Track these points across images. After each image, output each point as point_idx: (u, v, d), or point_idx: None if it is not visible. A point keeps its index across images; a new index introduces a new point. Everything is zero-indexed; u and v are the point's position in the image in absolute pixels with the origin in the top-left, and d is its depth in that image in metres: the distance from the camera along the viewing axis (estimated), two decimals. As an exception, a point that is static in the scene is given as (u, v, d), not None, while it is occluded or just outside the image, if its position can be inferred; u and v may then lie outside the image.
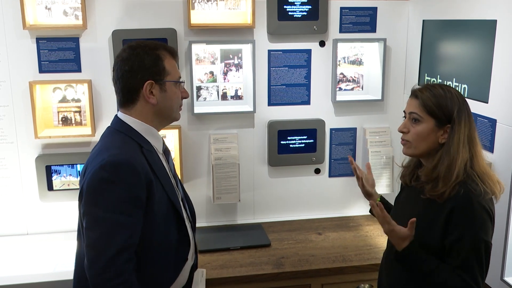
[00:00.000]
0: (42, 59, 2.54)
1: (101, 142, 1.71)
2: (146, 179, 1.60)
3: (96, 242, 1.53)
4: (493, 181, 1.65)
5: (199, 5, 2.64)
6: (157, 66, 1.69)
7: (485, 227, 1.60)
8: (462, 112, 1.66)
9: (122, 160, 1.57)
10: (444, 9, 2.48)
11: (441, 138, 1.68)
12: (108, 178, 1.55)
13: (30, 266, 2.39)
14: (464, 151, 1.64)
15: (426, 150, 1.71)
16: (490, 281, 2.14)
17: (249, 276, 2.35)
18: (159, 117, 1.75)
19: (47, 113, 2.62)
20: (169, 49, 1.75)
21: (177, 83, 1.76)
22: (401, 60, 2.90)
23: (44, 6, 2.51)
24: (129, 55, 1.69)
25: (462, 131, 1.65)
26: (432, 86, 1.72)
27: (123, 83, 1.69)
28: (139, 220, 1.59)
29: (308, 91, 2.84)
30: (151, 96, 1.69)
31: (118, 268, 1.51)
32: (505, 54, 2.02)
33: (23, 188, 2.65)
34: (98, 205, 1.55)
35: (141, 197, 1.59)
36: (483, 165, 1.67)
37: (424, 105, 1.68)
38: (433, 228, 1.66)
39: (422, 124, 1.69)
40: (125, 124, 1.71)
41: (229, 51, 2.73)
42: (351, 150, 2.95)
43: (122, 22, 2.57)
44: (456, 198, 1.61)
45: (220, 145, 2.76)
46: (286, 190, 2.95)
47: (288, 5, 2.70)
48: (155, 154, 1.74)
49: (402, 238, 1.65)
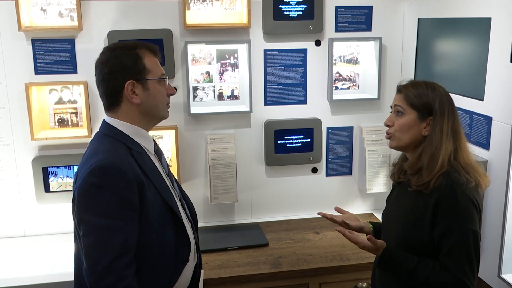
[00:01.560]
0: (37, 61, 2.54)
1: (90, 147, 1.70)
2: (137, 182, 1.59)
3: (93, 249, 1.53)
4: (478, 173, 1.68)
5: (195, 6, 2.64)
6: (136, 65, 1.67)
7: (471, 216, 1.61)
8: (444, 105, 1.70)
9: (110, 164, 1.56)
10: (439, 8, 2.49)
11: (424, 131, 1.72)
12: (97, 183, 1.54)
13: (28, 268, 2.39)
14: (448, 142, 1.68)
15: (409, 142, 1.75)
16: (487, 278, 2.15)
17: (247, 276, 2.35)
18: (145, 116, 1.73)
19: (43, 115, 2.62)
20: (150, 46, 1.73)
21: (161, 81, 1.73)
22: (397, 58, 2.90)
23: (39, 7, 2.51)
24: (108, 57, 1.68)
25: (445, 124, 1.69)
26: (416, 82, 1.78)
27: (105, 86, 1.68)
28: (135, 223, 1.58)
29: (305, 90, 2.84)
30: (134, 96, 1.67)
31: (118, 273, 1.50)
32: (500, 52, 2.03)
33: (20, 190, 2.64)
34: (90, 212, 1.54)
35: (132, 200, 1.57)
36: (468, 157, 1.71)
37: (406, 98, 1.74)
38: (422, 222, 1.68)
39: (405, 116, 1.74)
40: (113, 127, 1.70)
41: (225, 51, 2.73)
42: (348, 149, 2.96)
43: (118, 23, 2.57)
44: (439, 189, 1.64)
45: (217, 145, 2.76)
46: (283, 190, 2.95)
47: (283, 4, 2.70)
48: (145, 155, 1.72)
49: (373, 249, 1.75)
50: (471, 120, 2.23)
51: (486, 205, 2.14)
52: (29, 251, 2.55)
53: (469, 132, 2.25)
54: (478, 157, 2.14)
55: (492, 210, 2.10)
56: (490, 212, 2.11)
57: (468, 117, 2.26)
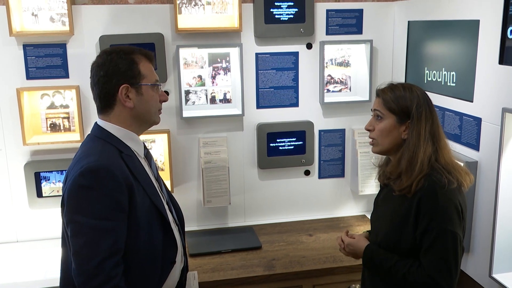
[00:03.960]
0: (29, 66, 2.53)
1: (81, 149, 1.71)
2: (127, 183, 1.60)
3: (82, 249, 1.53)
4: (460, 173, 1.70)
5: (186, 10, 2.65)
6: (132, 70, 1.69)
7: (451, 217, 1.62)
8: (422, 108, 1.71)
9: (100, 166, 1.57)
10: (429, 10, 2.51)
11: (403, 134, 1.74)
12: (87, 184, 1.55)
13: (21, 273, 2.38)
14: (426, 145, 1.69)
15: (390, 147, 1.77)
16: (479, 278, 2.16)
17: (240, 278, 2.35)
18: (137, 121, 1.75)
19: (35, 120, 2.62)
20: (145, 53, 1.76)
21: (155, 86, 1.76)
22: (388, 61, 2.92)
23: (30, 12, 2.51)
24: (104, 60, 1.70)
25: (423, 126, 1.70)
26: (394, 85, 1.79)
27: (99, 88, 1.70)
28: (123, 224, 1.60)
29: (296, 93, 2.85)
30: (128, 100, 1.69)
31: (107, 274, 1.51)
32: (489, 54, 2.05)
33: (12, 195, 2.64)
34: (80, 213, 1.55)
35: (122, 201, 1.59)
36: (449, 158, 1.72)
37: (384, 102, 1.76)
38: (406, 223, 1.69)
39: (384, 120, 1.76)
40: (104, 130, 1.72)
41: (217, 55, 2.74)
42: (340, 151, 2.97)
43: (109, 27, 2.57)
44: (421, 190, 1.65)
45: (209, 149, 2.77)
46: (276, 192, 2.96)
47: (274, 8, 2.71)
48: (135, 158, 1.74)
49: (354, 253, 1.87)
50: (461, 121, 2.25)
51: (476, 205, 2.15)
52: (21, 256, 2.55)
53: (459, 133, 2.26)
54: (468, 158, 2.16)
55: (482, 210, 2.12)
56: (481, 212, 2.13)
57: (458, 119, 2.28)
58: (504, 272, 2.02)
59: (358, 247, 1.85)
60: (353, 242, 1.89)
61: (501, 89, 1.98)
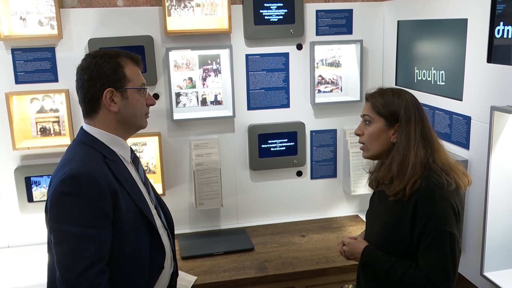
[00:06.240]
0: (18, 70, 2.52)
1: (66, 155, 1.69)
2: (110, 190, 1.58)
3: (65, 257, 1.52)
4: (457, 174, 1.69)
5: (176, 12, 2.64)
6: (117, 73, 1.67)
7: (448, 218, 1.62)
8: (411, 111, 1.71)
9: (82, 172, 1.55)
10: (418, 10, 2.52)
11: (393, 138, 1.74)
12: (69, 191, 1.54)
13: (12, 279, 2.36)
14: (417, 148, 1.69)
15: (380, 151, 1.77)
16: (470, 277, 2.16)
17: (232, 281, 2.35)
18: (123, 125, 1.72)
19: (25, 124, 2.60)
20: (132, 56, 1.73)
21: (141, 90, 1.73)
22: (378, 60, 2.93)
23: (18, 16, 2.49)
24: (88, 64, 1.68)
25: (412, 129, 1.70)
26: (383, 90, 1.80)
27: (83, 92, 1.68)
28: (107, 231, 1.58)
29: (287, 94, 2.85)
30: (112, 104, 1.67)
31: (90, 282, 1.50)
32: (477, 52, 2.05)
33: (3, 200, 2.62)
34: (62, 220, 1.54)
35: (105, 208, 1.57)
36: (445, 159, 1.72)
37: (373, 106, 1.76)
38: (402, 223, 1.69)
39: (373, 124, 1.76)
40: (89, 135, 1.70)
41: (207, 57, 2.74)
42: (332, 151, 2.97)
43: (98, 30, 2.56)
44: (419, 191, 1.65)
45: (201, 151, 2.76)
46: (268, 194, 2.95)
47: (264, 9, 2.71)
48: (120, 164, 1.71)
49: (354, 254, 1.86)
50: (451, 120, 2.26)
51: (467, 204, 2.16)
52: (13, 262, 2.53)
53: (449, 132, 2.27)
54: (458, 157, 2.17)
55: (473, 209, 2.12)
56: (471, 210, 2.13)
57: (448, 117, 2.28)
58: (495, 270, 2.01)
59: (357, 247, 1.84)
60: (353, 242, 1.88)
61: (489, 87, 1.99)
